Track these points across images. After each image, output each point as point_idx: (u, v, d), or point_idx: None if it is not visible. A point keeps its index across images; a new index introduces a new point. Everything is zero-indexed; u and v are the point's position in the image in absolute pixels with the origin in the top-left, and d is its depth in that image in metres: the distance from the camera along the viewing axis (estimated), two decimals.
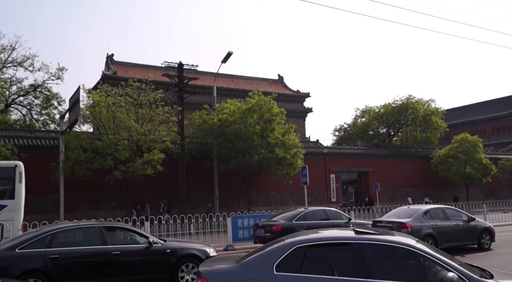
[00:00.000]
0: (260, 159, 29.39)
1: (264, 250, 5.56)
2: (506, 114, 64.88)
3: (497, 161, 47.14)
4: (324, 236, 5.76)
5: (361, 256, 5.09)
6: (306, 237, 5.56)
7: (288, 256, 5.18)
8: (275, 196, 36.87)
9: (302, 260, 5.14)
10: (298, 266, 5.11)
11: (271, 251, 5.37)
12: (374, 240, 5.24)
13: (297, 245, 5.26)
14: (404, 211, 15.41)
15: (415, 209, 15.08)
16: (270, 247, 5.54)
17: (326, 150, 41.86)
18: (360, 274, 4.97)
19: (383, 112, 51.16)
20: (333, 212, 17.05)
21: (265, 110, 30.60)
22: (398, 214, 15.22)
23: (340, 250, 5.37)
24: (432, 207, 15.40)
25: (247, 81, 56.92)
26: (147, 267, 9.24)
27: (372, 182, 40.44)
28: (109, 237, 9.23)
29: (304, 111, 58.62)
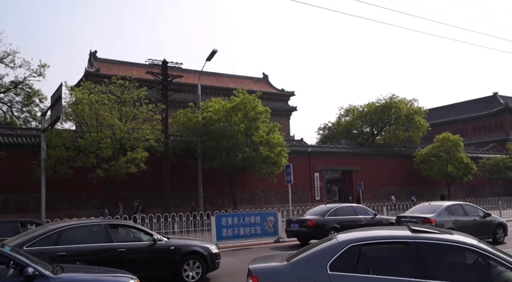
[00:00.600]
0: (245, 158, 29.37)
1: (315, 248, 5.39)
2: (486, 114, 65.87)
3: (478, 160, 47.91)
4: (380, 234, 5.56)
5: (419, 256, 4.89)
6: (360, 235, 5.38)
7: (342, 255, 5.01)
8: (260, 194, 36.90)
9: (357, 259, 4.97)
10: (352, 265, 4.95)
11: (323, 250, 5.21)
12: (433, 239, 5.04)
13: (351, 243, 5.08)
14: (426, 207, 16.29)
15: (437, 205, 16.03)
16: (322, 245, 5.37)
17: (310, 148, 42.04)
18: (418, 274, 4.76)
19: (366, 112, 51.55)
20: (360, 208, 18.21)
21: (249, 108, 30.58)
22: (421, 210, 16.08)
23: (396, 249, 5.19)
24: (452, 203, 16.39)
25: (232, 79, 56.91)
26: (152, 264, 9.30)
27: (356, 180, 40.74)
28: (114, 234, 9.32)
29: (289, 110, 58.85)
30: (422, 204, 17.55)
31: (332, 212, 16.99)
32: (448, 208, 15.50)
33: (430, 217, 14.83)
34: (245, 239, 17.80)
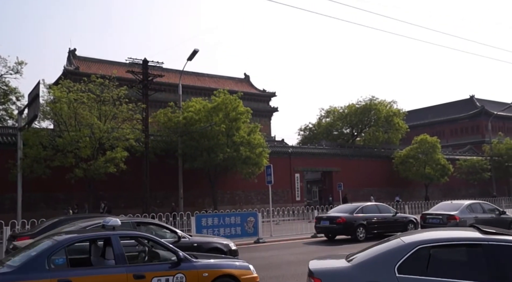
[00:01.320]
0: (226, 158, 29.33)
1: (379, 249, 5.22)
2: (464, 117, 67.11)
3: (455, 162, 48.78)
4: (449, 236, 5.31)
5: (494, 259, 4.68)
6: (429, 237, 5.19)
7: (410, 258, 4.82)
8: (240, 194, 36.88)
9: (427, 262, 4.79)
10: (422, 268, 4.76)
11: (390, 252, 5.01)
12: (508, 241, 4.81)
13: (419, 245, 4.90)
14: (449, 205, 17.73)
15: (459, 204, 17.52)
16: (386, 247, 5.19)
17: (291, 149, 42.20)
18: (494, 278, 4.57)
19: (347, 113, 52.02)
20: (382, 206, 19.67)
21: (230, 109, 30.54)
22: (444, 208, 17.50)
23: (468, 251, 4.97)
24: (472, 202, 18.00)
25: (213, 79, 56.75)
26: None
27: (336, 181, 41.04)
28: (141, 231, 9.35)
29: (270, 110, 58.96)
30: (444, 202, 18.98)
31: (359, 210, 18.23)
32: (469, 206, 16.91)
33: (455, 214, 16.23)
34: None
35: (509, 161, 49.85)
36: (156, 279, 6.63)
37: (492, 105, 66.99)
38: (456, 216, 16.12)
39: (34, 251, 6.26)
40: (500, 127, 63.82)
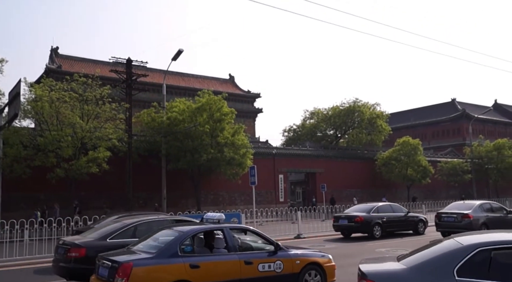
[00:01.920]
0: (209, 159, 29.26)
1: (434, 251, 5.07)
2: (445, 119, 68.07)
3: (436, 163, 49.44)
4: (510, 238, 5.09)
5: None
6: (488, 239, 5.04)
7: (470, 260, 4.65)
8: (224, 195, 36.82)
9: (488, 265, 4.62)
10: (484, 271, 4.59)
11: (448, 254, 4.85)
12: None
13: (479, 248, 4.74)
14: (462, 204, 19.19)
15: (471, 203, 18.93)
16: (442, 249, 5.06)
17: (275, 150, 42.29)
18: None
19: (331, 115, 52.36)
20: (395, 206, 20.93)
21: (215, 109, 30.48)
22: (458, 207, 18.82)
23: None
24: (483, 202, 19.49)
25: (197, 80, 56.54)
26: None
27: (320, 182, 41.26)
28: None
29: (255, 111, 58.97)
30: (456, 202, 20.50)
31: (375, 210, 19.45)
32: (480, 205, 18.34)
33: (468, 213, 17.61)
34: None
35: (488, 163, 50.68)
36: (261, 265, 7.76)
37: (473, 108, 68.10)
38: (470, 214, 17.51)
39: (162, 240, 7.54)
40: (481, 130, 64.91)
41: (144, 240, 7.94)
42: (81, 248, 9.06)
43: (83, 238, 9.85)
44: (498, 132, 67.50)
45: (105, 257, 7.31)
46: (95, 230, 10.39)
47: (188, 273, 7.00)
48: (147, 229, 9.67)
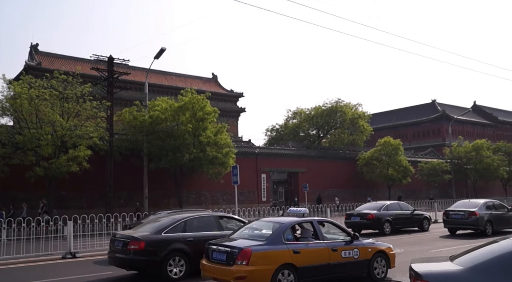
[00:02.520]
0: (192, 158, 29.11)
1: (492, 251, 4.99)
2: (425, 120, 68.98)
3: (417, 164, 50.06)
4: None
5: None
6: None
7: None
8: (206, 195, 36.68)
9: None
10: None
11: (506, 255, 4.72)
12: None
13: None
14: (467, 203, 20.62)
15: (476, 202, 20.41)
16: (500, 249, 4.97)
17: (258, 150, 42.30)
18: None
19: (313, 115, 52.59)
20: (403, 204, 22.41)
21: (198, 108, 30.32)
22: (464, 205, 20.17)
23: None
24: (487, 200, 20.83)
25: (180, 78, 56.23)
26: None
27: (302, 182, 41.38)
28: (223, 224, 11.47)
29: (237, 111, 58.89)
30: (462, 201, 21.80)
31: (385, 208, 20.80)
32: (485, 203, 19.77)
33: (475, 210, 18.93)
34: None
35: (467, 163, 51.54)
36: (343, 251, 9.16)
37: (453, 109, 69.17)
38: (476, 212, 18.88)
39: (261, 230, 9.18)
40: (460, 131, 65.96)
41: (240, 230, 9.52)
42: (140, 241, 10.08)
43: (138, 232, 10.80)
44: (476, 133, 68.68)
45: (220, 244, 8.69)
46: (145, 225, 11.53)
47: (292, 258, 8.37)
48: (196, 224, 11.02)
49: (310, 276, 8.63)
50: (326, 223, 10.06)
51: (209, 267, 8.68)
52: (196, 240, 10.43)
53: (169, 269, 10.07)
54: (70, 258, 14.25)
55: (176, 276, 10.06)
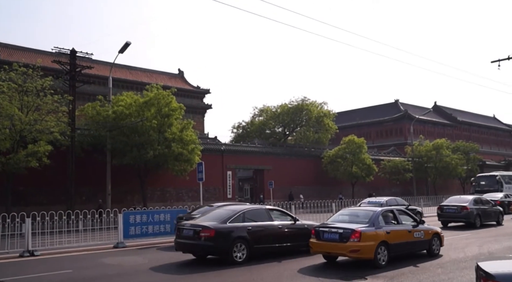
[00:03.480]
0: (156, 154, 28.73)
1: None
2: (388, 119, 70.45)
3: (379, 162, 51.10)
4: None
5: None
6: None
7: None
8: (171, 191, 36.32)
9: None
10: None
11: None
12: None
13: None
14: (459, 199, 23.04)
15: (467, 198, 22.79)
16: None
17: (224, 146, 42.19)
18: None
19: (279, 112, 52.87)
20: (399, 200, 24.51)
21: (163, 104, 29.92)
22: (456, 200, 22.55)
23: None
24: (476, 196, 23.64)
25: (145, 73, 55.34)
26: (296, 236, 13.19)
27: (267, 179, 41.56)
28: (272, 215, 13.27)
29: (204, 107, 58.49)
30: (454, 197, 24.35)
31: (385, 203, 22.51)
32: (474, 199, 22.18)
33: (466, 205, 21.26)
34: (154, 237, 17.51)
35: (428, 162, 53.00)
36: (415, 233, 12.18)
37: (415, 109, 70.93)
38: (467, 206, 21.17)
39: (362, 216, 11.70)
40: (421, 130, 67.73)
41: (336, 217, 12.50)
42: (211, 230, 11.57)
43: (206, 221, 12.29)
44: (437, 133, 70.70)
45: (331, 226, 11.34)
46: (207, 215, 13.25)
47: (386, 237, 11.11)
48: (252, 215, 12.79)
49: (396, 250, 11.42)
50: (399, 211, 12.67)
51: (322, 244, 11.20)
52: (254, 229, 12.23)
53: (234, 254, 11.71)
54: (28, 256, 13.82)
55: (240, 260, 11.73)
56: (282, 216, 13.74)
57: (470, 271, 9.80)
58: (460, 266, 11.04)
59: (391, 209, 12.61)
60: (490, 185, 40.90)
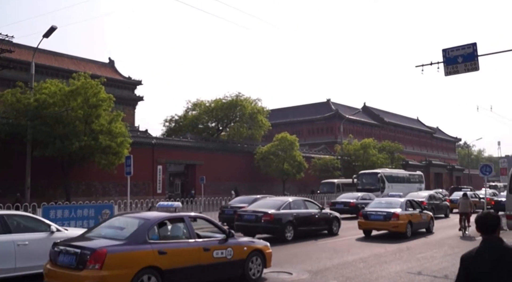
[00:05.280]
0: (82, 146, 27.31)
1: None
2: (320, 118, 72.16)
3: (310, 159, 52.17)
4: None
5: None
6: None
7: None
8: (97, 185, 34.80)
9: None
10: None
11: None
12: None
13: None
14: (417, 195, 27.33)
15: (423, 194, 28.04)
16: None
17: (155, 140, 41.09)
18: None
19: (213, 107, 52.39)
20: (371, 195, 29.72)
21: (91, 94, 28.48)
22: (416, 196, 25.63)
23: None
24: (430, 192, 29.41)
25: (73, 61, 52.57)
26: (323, 221, 17.79)
27: (199, 174, 41.07)
28: (307, 205, 17.73)
29: (135, 99, 56.62)
30: (412, 193, 29.13)
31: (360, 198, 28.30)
32: (430, 195, 27.28)
33: (423, 200, 24.61)
34: None
35: (356, 160, 54.83)
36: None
37: (345, 109, 73.20)
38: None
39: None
40: (351, 129, 70.01)
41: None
42: (271, 215, 15.73)
43: (264, 209, 16.34)
44: (365, 133, 73.40)
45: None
46: (259, 203, 17.62)
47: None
48: (295, 204, 17.18)
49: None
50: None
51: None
52: (297, 215, 16.44)
53: (285, 234, 15.81)
54: None
55: (289, 238, 15.81)
56: (312, 205, 18.08)
57: None
58: None
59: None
60: (372, 183, 39.43)
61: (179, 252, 7.98)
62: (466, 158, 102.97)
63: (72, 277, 7.04)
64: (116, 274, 7.05)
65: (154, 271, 7.48)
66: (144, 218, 8.15)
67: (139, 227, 7.74)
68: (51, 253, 7.66)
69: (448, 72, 17.37)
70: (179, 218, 8.63)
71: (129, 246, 7.34)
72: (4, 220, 9.13)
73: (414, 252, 13.85)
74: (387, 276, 10.20)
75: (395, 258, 12.74)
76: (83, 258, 7.02)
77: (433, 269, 11.02)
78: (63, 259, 7.34)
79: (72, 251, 7.24)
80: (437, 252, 13.87)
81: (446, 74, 17.41)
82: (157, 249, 7.60)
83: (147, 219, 8.03)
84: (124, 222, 8.42)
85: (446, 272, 10.66)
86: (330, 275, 10.26)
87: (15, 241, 8.93)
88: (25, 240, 9.08)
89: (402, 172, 46.47)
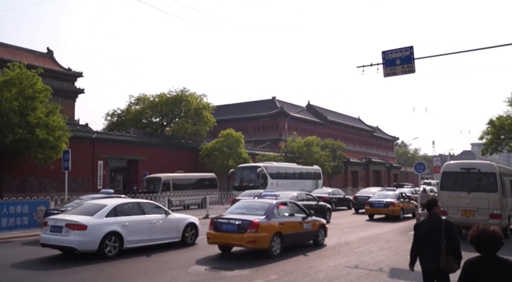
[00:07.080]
0: (17, 139, 26.01)
1: None
2: (265, 115, 72.82)
3: (255, 156, 52.53)
4: None
5: None
6: None
7: None
8: (33, 181, 33.26)
9: None
10: None
11: None
12: None
13: None
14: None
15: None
16: None
17: (96, 134, 39.80)
18: None
19: (157, 102, 51.48)
20: (341, 190, 34.03)
21: (27, 85, 27.13)
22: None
23: None
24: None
25: (7, 49, 49.78)
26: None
27: (142, 170, 40.29)
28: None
29: (75, 91, 54.43)
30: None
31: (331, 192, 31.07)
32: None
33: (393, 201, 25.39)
34: (9, 231, 16.01)
35: (299, 157, 55.83)
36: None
37: (290, 107, 74.29)
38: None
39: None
40: (295, 127, 71.13)
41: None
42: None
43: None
44: (309, 130, 74.87)
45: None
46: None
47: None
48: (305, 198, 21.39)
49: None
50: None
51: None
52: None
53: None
54: None
55: None
56: None
57: None
58: None
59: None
60: (251, 179, 35.87)
61: (289, 224, 12.70)
62: (403, 156, 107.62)
63: (236, 237, 11.56)
64: (263, 235, 11.54)
65: (279, 235, 12.07)
66: (269, 203, 12.77)
67: (269, 207, 12.36)
68: (214, 224, 12.05)
69: (387, 73, 18.02)
70: (284, 202, 13.56)
71: (268, 219, 11.93)
72: (140, 205, 13.09)
73: (352, 246, 14.34)
74: (326, 270, 10.50)
75: (334, 252, 13.21)
76: (244, 226, 11.49)
77: (369, 262, 11.45)
78: (227, 227, 11.79)
79: (234, 223, 11.72)
80: (373, 246, 14.43)
81: (385, 75, 18.05)
82: (280, 221, 12.32)
83: (271, 203, 12.66)
84: (258, 205, 12.88)
85: (381, 265, 11.11)
86: (271, 270, 10.41)
87: (149, 220, 12.82)
88: (153, 219, 12.99)
89: (293, 167, 42.89)
